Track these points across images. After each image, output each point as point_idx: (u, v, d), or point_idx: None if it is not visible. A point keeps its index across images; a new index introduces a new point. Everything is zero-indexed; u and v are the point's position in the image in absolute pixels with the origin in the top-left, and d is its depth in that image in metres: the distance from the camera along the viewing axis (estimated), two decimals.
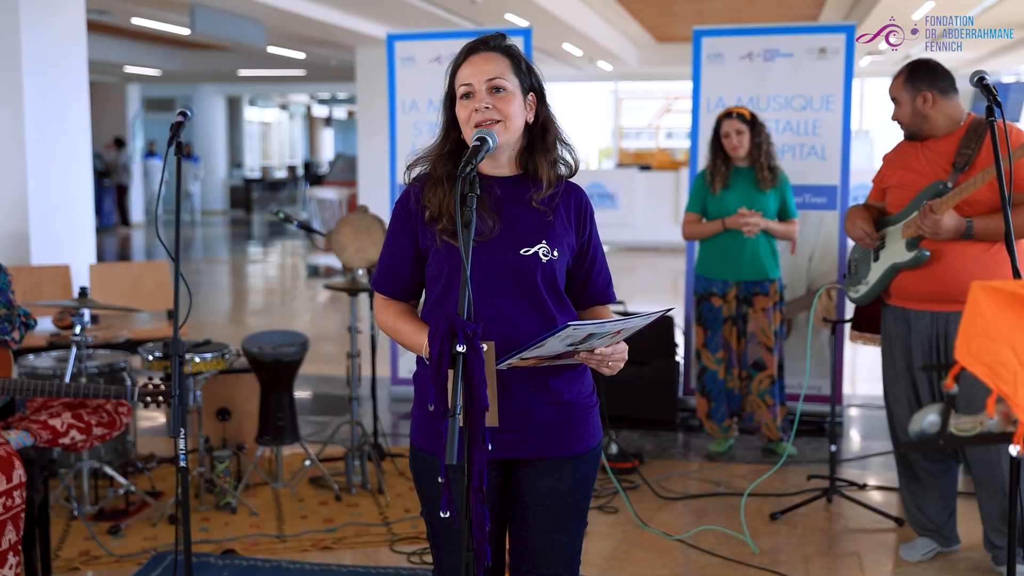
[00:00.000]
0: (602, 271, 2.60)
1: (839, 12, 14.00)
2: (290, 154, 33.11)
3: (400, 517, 4.80)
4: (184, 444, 3.09)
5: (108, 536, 4.52)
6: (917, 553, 4.38)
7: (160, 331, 6.51)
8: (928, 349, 4.12)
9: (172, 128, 3.19)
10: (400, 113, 7.01)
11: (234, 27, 10.77)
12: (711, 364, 5.71)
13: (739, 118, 5.54)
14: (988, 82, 3.08)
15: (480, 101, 2.39)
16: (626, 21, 15.64)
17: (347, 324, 10.46)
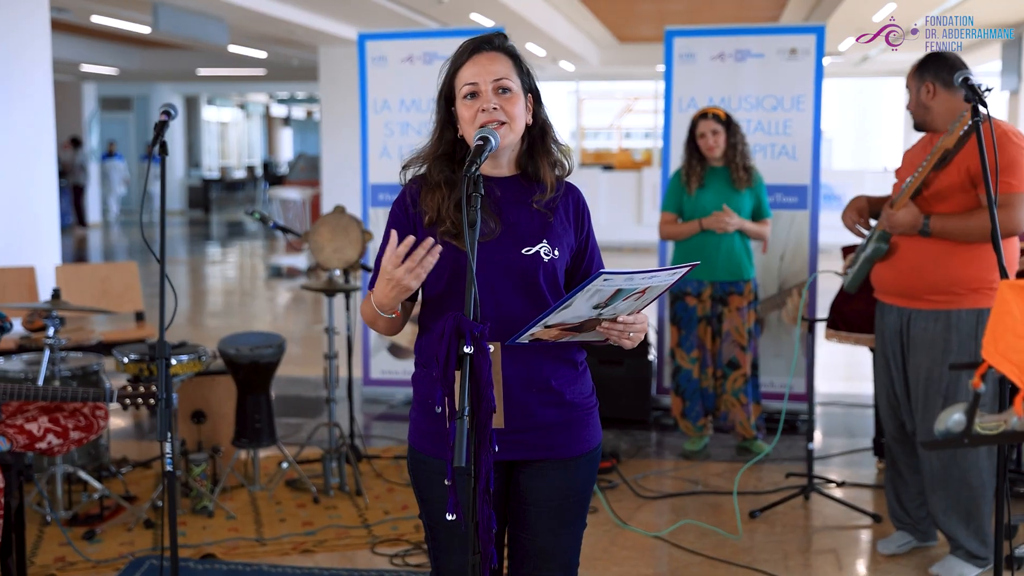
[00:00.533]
0: (599, 269, 2.59)
1: (800, 14, 14.11)
2: (248, 154, 32.86)
3: (380, 519, 4.77)
4: (170, 448, 3.06)
5: (83, 542, 4.45)
6: (893, 546, 4.43)
7: (130, 333, 6.44)
8: (897, 343, 4.18)
9: (156, 127, 3.17)
10: (371, 113, 6.96)
11: (197, 26, 10.66)
12: (685, 363, 5.73)
13: (715, 118, 5.56)
14: (973, 82, 3.11)
15: (488, 101, 2.36)
16: (589, 21, 15.67)
17: (310, 325, 10.56)
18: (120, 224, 22.14)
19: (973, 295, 3.91)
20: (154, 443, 5.99)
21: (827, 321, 5.16)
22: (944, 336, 3.95)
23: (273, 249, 17.95)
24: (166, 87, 24.77)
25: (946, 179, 3.89)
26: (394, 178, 6.79)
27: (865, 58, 17.45)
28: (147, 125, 25.00)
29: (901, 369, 4.19)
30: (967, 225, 3.83)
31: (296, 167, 18.20)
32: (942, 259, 3.92)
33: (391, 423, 6.55)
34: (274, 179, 25.71)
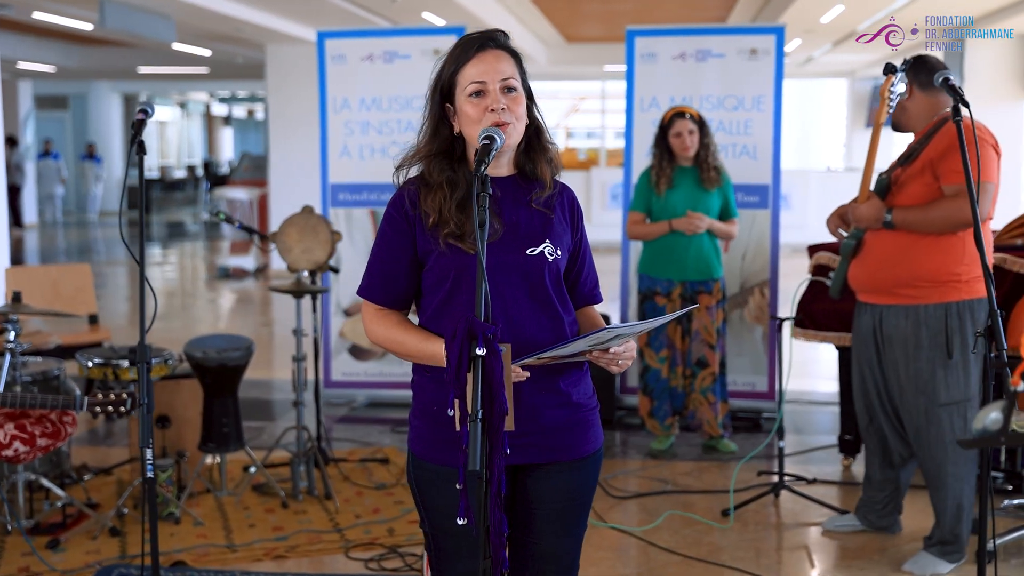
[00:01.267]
0: (591, 272, 2.58)
1: (747, 15, 14.21)
2: (188, 153, 32.43)
3: (352, 523, 4.71)
4: (151, 454, 2.98)
5: (48, 551, 4.33)
6: (834, 524, 4.58)
7: (85, 336, 6.30)
8: (871, 343, 4.23)
9: (134, 126, 3.07)
10: (331, 112, 6.88)
11: (144, 23, 10.48)
12: (654, 363, 5.72)
13: (691, 118, 5.56)
14: (953, 83, 3.15)
15: (496, 101, 2.33)
16: (538, 20, 15.66)
17: (259, 327, 10.43)
18: (61, 226, 21.74)
19: (940, 288, 3.96)
20: (112, 448, 5.87)
21: (794, 320, 5.20)
22: (915, 332, 4.01)
23: (215, 250, 17.74)
24: (104, 85, 24.36)
25: (911, 171, 3.99)
26: (355, 177, 6.85)
27: (809, 59, 17.64)
28: (85, 124, 24.61)
29: (873, 367, 4.24)
30: (928, 216, 3.90)
31: (240, 167, 17.97)
32: (907, 252, 3.99)
33: (353, 425, 6.48)
34: (216, 179, 25.41)
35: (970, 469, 4.07)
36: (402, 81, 6.79)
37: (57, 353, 5.41)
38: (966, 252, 3.92)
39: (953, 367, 3.98)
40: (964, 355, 3.97)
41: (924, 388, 4.02)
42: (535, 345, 2.31)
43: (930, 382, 4.00)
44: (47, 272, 6.85)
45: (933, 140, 3.95)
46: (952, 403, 4.00)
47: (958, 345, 3.95)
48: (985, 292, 3.96)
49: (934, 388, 4.00)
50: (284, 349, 8.84)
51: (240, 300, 12.46)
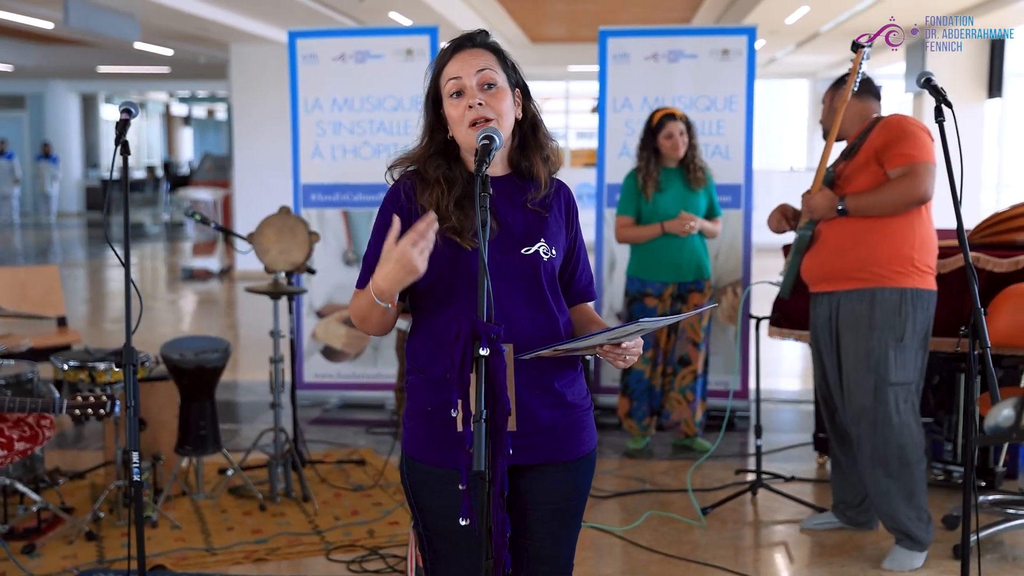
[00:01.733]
0: (586, 268, 2.57)
1: (711, 16, 14.30)
2: (147, 154, 32.11)
3: (331, 525, 4.69)
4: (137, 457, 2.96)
5: (24, 556, 4.28)
6: (812, 522, 4.64)
7: (54, 338, 6.21)
8: (827, 331, 4.31)
9: (118, 126, 3.04)
10: (302, 112, 6.85)
11: (108, 22, 10.37)
12: (638, 364, 5.69)
13: (681, 120, 5.56)
14: (935, 83, 3.20)
15: (473, 98, 2.32)
16: (504, 21, 15.67)
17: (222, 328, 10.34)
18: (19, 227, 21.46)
19: (896, 275, 4.08)
20: (82, 452, 5.80)
21: (770, 319, 5.24)
22: (868, 313, 4.11)
23: (175, 251, 17.59)
24: (61, 85, 24.07)
25: (854, 164, 4.18)
26: (327, 178, 6.81)
27: (772, 60, 17.77)
28: (42, 124, 24.31)
29: (833, 355, 4.32)
30: (879, 197, 4.06)
31: (203, 167, 17.84)
32: (862, 236, 4.11)
33: (327, 427, 6.45)
34: (176, 180, 25.18)
35: (917, 456, 4.14)
36: (374, 81, 6.77)
37: (29, 356, 5.34)
38: (917, 236, 4.10)
39: (902, 349, 4.08)
40: (912, 340, 4.09)
41: (875, 366, 4.10)
42: (530, 345, 2.31)
43: (882, 360, 4.09)
44: (14, 274, 6.75)
45: (871, 135, 4.16)
46: (900, 384, 4.10)
47: (908, 329, 4.06)
48: (935, 286, 4.19)
49: (885, 367, 4.08)
50: (250, 351, 8.79)
51: (204, 302, 12.36)
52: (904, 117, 4.17)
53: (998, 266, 4.80)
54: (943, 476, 5.21)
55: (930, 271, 4.15)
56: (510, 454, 2.18)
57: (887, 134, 4.09)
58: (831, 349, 4.31)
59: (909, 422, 4.12)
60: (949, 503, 4.88)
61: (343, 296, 6.82)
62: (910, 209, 4.06)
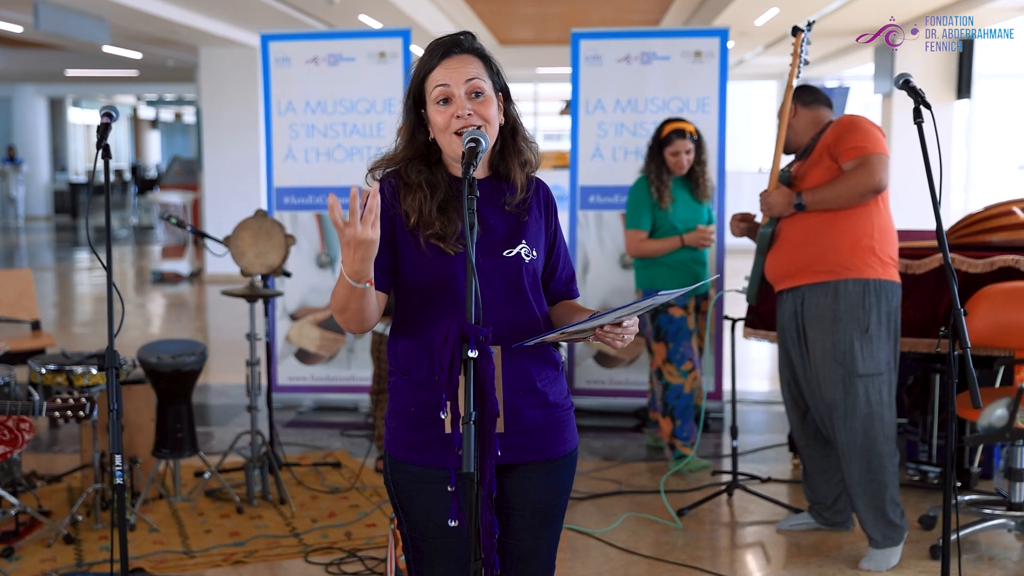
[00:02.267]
0: (566, 265, 2.59)
1: (681, 18, 14.38)
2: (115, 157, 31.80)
3: (309, 527, 4.70)
4: (120, 460, 2.96)
5: (2, 559, 4.27)
6: (788, 523, 4.69)
7: (29, 342, 6.17)
8: (793, 327, 4.38)
9: (99, 130, 3.04)
10: (275, 115, 6.84)
11: (78, 25, 10.30)
12: (675, 379, 5.45)
13: (690, 137, 5.46)
14: (913, 84, 3.23)
15: (462, 108, 2.32)
16: (472, 23, 15.68)
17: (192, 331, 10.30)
18: None
19: (858, 265, 4.16)
20: (58, 455, 5.77)
21: (744, 320, 5.28)
22: (832, 306, 4.17)
23: (144, 254, 17.49)
24: (29, 88, 23.89)
25: (808, 163, 4.29)
26: (300, 181, 6.82)
27: (741, 61, 17.88)
28: (9, 127, 24.11)
29: (800, 351, 4.37)
30: (835, 190, 4.15)
31: (171, 171, 17.75)
32: (822, 230, 4.20)
33: (302, 429, 6.45)
34: (143, 183, 25.03)
35: (890, 447, 4.19)
36: (347, 84, 6.77)
37: (5, 360, 5.31)
38: (876, 227, 4.18)
39: (868, 340, 4.14)
40: (879, 331, 4.15)
41: (842, 359, 4.15)
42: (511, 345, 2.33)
43: (848, 353, 4.14)
44: None
45: (824, 135, 4.27)
46: (868, 375, 4.15)
47: (874, 320, 4.13)
48: (898, 278, 4.25)
49: (852, 359, 4.14)
50: (223, 353, 8.76)
51: (174, 305, 12.30)
52: (855, 116, 4.29)
53: (973, 267, 4.85)
54: (918, 476, 5.26)
55: (892, 262, 4.22)
56: (499, 456, 2.20)
57: (838, 130, 4.20)
58: (799, 346, 4.37)
59: (880, 413, 4.16)
60: (925, 503, 4.93)
61: (317, 299, 6.82)
62: (866, 199, 4.14)
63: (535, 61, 19.01)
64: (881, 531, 4.22)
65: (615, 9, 15.03)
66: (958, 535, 3.30)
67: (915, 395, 5.32)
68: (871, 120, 4.26)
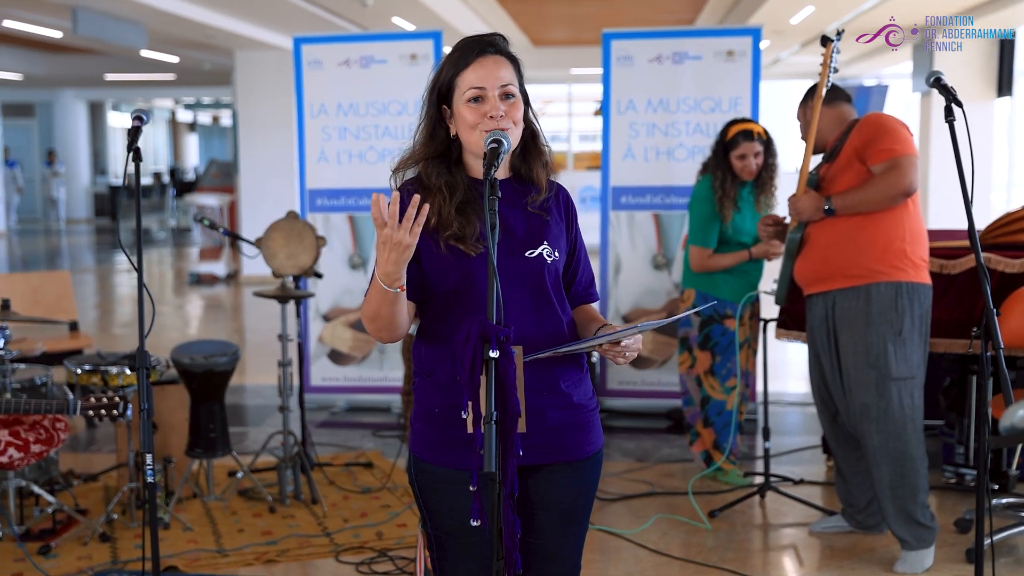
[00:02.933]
0: (586, 270, 2.60)
1: (715, 17, 14.32)
2: (154, 160, 32.18)
3: (340, 527, 4.72)
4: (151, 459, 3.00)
5: (40, 557, 4.32)
6: (821, 525, 4.65)
7: (66, 343, 6.25)
8: (824, 331, 4.33)
9: (130, 133, 3.08)
10: (308, 117, 6.89)
11: (116, 30, 10.43)
12: (717, 394, 5.30)
13: (758, 138, 5.15)
14: (944, 83, 3.21)
15: (495, 108, 2.34)
16: (506, 25, 15.70)
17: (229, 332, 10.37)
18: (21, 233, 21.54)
19: (890, 268, 4.11)
20: (95, 455, 5.84)
21: (777, 321, 5.25)
22: (865, 310, 4.13)
23: (182, 256, 17.65)
24: (69, 93, 24.18)
25: (837, 165, 4.23)
26: (333, 183, 6.85)
27: (776, 60, 17.79)
28: (51, 132, 24.42)
29: (830, 355, 4.33)
30: (866, 194, 4.10)
31: (208, 173, 17.91)
32: (852, 234, 4.15)
33: (335, 430, 6.49)
34: (182, 185, 25.23)
35: (921, 450, 4.16)
36: (379, 86, 6.81)
37: (43, 360, 5.39)
38: (907, 229, 4.14)
39: (902, 344, 4.10)
40: (911, 334, 4.11)
41: (876, 362, 4.12)
42: (535, 346, 2.34)
43: (882, 356, 4.11)
44: (28, 279, 6.81)
45: (851, 136, 4.21)
46: (902, 378, 4.11)
47: (907, 323, 4.09)
48: (929, 280, 4.20)
49: (886, 362, 4.10)
50: (258, 354, 8.83)
51: (211, 306, 12.41)
52: (881, 115, 4.25)
53: (1010, 267, 4.78)
54: (955, 479, 5.20)
55: (924, 264, 4.18)
56: (520, 455, 2.21)
57: (866, 132, 4.15)
58: (829, 349, 4.32)
59: (913, 416, 4.14)
60: (961, 506, 4.88)
61: (349, 300, 6.86)
62: (897, 203, 4.10)
63: (569, 62, 18.98)
64: (912, 533, 4.18)
65: (649, 9, 14.99)
66: (991, 539, 3.26)
67: (951, 397, 5.27)
68: (896, 118, 4.22)
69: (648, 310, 6.66)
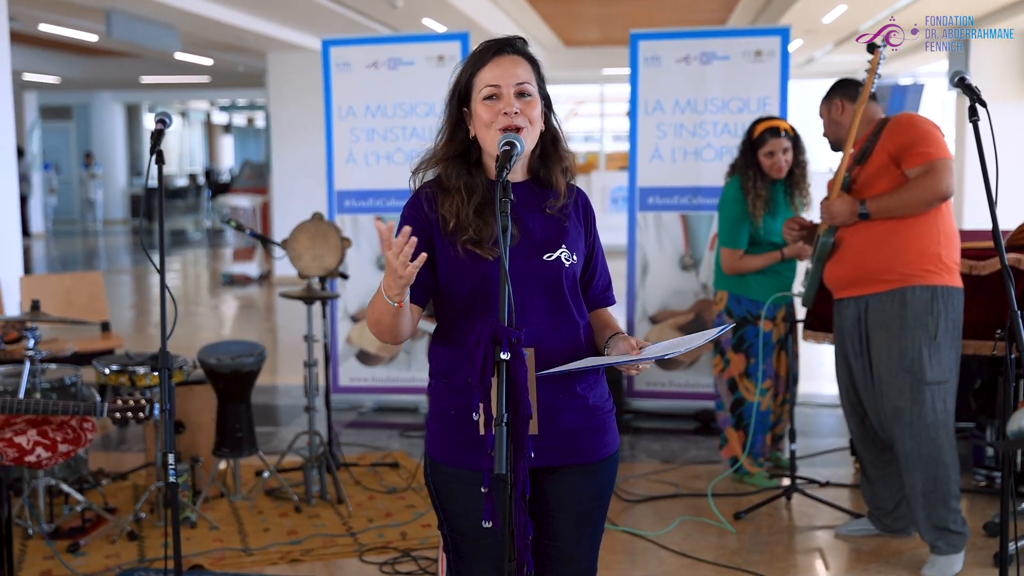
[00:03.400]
0: (603, 273, 2.59)
1: (747, 16, 14.26)
2: (189, 161, 32.45)
3: (365, 527, 4.75)
4: (172, 459, 3.02)
5: (68, 555, 4.38)
6: (847, 528, 4.62)
7: (98, 343, 6.32)
8: (855, 334, 4.28)
9: (153, 136, 3.11)
10: (336, 119, 6.93)
11: (149, 33, 10.53)
12: (751, 396, 5.21)
13: (785, 135, 5.06)
14: (968, 82, 3.19)
15: (510, 105, 2.34)
16: (536, 25, 15.72)
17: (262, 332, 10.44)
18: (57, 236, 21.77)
19: (925, 272, 4.07)
20: (125, 454, 5.91)
21: (804, 322, 5.21)
22: (900, 313, 4.08)
23: (217, 257, 17.79)
24: (107, 95, 24.43)
25: (869, 168, 4.15)
26: (361, 184, 6.88)
27: (810, 60, 17.70)
28: (88, 134, 24.68)
29: (861, 359, 4.29)
30: (901, 198, 4.04)
31: (242, 175, 18.04)
32: (886, 238, 4.10)
33: (362, 430, 6.52)
34: (217, 187, 25.41)
35: (953, 455, 4.12)
36: (407, 87, 6.83)
37: (73, 360, 5.45)
38: (941, 233, 4.09)
39: (936, 348, 4.06)
40: (945, 338, 4.07)
41: (910, 367, 4.07)
42: (552, 350, 2.35)
43: (916, 360, 4.06)
44: (60, 280, 6.89)
45: (882, 137, 4.14)
46: (936, 383, 4.07)
47: (941, 327, 4.05)
48: (961, 283, 4.15)
49: (920, 366, 4.06)
50: (289, 355, 8.88)
51: (244, 307, 12.50)
52: (913, 115, 4.19)
53: None
54: (985, 482, 5.14)
55: (956, 267, 4.14)
56: (531, 457, 2.21)
57: (901, 134, 4.09)
58: (860, 353, 4.28)
59: (946, 421, 4.09)
60: (991, 509, 4.84)
61: None
62: (932, 207, 4.05)
63: (601, 62, 18.97)
64: (943, 539, 4.14)
65: (680, 9, 14.96)
66: (1016, 543, 3.23)
67: (982, 399, 5.22)
68: (929, 119, 4.17)
69: (675, 311, 6.64)
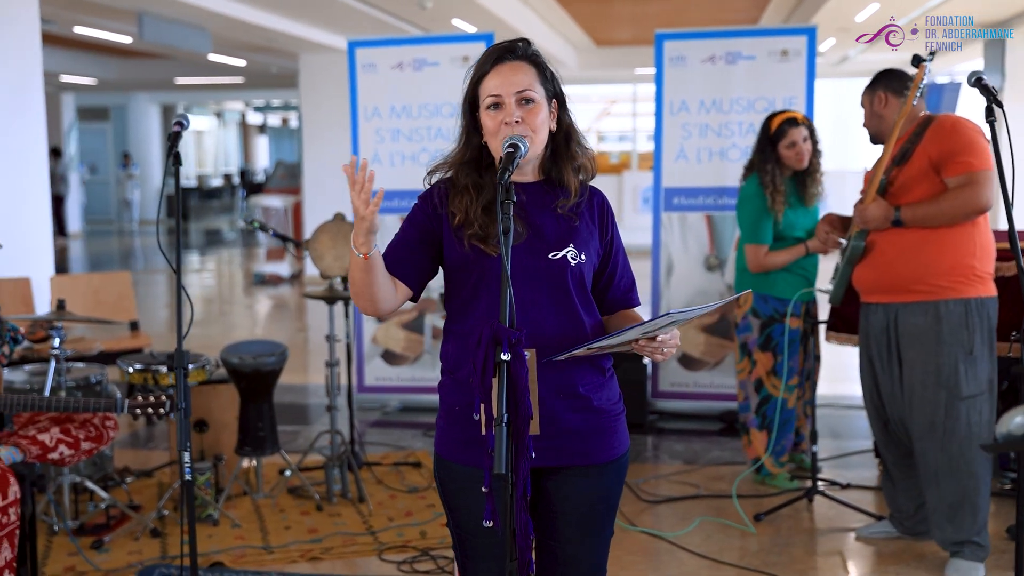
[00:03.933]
0: (625, 273, 2.59)
1: (780, 15, 14.18)
2: (224, 162, 32.73)
3: (385, 526, 4.78)
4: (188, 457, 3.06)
5: (92, 551, 4.44)
6: (868, 531, 4.59)
7: (126, 342, 6.40)
8: (883, 341, 4.23)
9: (170, 138, 3.13)
10: (362, 120, 6.97)
11: (181, 35, 10.63)
12: (779, 392, 5.14)
13: (803, 124, 5.06)
14: (986, 83, 3.16)
15: (510, 114, 2.37)
16: (567, 25, 15.70)
17: (295, 332, 10.52)
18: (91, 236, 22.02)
19: (958, 284, 4.00)
20: (152, 452, 5.97)
21: (827, 323, 5.18)
22: (935, 328, 4.02)
23: (251, 257, 17.92)
24: (143, 96, 24.70)
25: (909, 171, 4.06)
26: (386, 185, 6.89)
27: (845, 58, 17.57)
28: (124, 135, 24.95)
29: (887, 366, 4.24)
30: (939, 208, 3.96)
31: (275, 175, 18.17)
32: (919, 247, 4.03)
33: (386, 429, 6.55)
34: (251, 187, 25.62)
35: (985, 468, 4.08)
36: (431, 88, 6.86)
37: (99, 359, 5.52)
38: (977, 244, 4.01)
39: (972, 362, 4.01)
40: (982, 351, 4.02)
41: (946, 382, 4.02)
42: (554, 348, 2.35)
43: (952, 376, 4.00)
44: (89, 280, 6.98)
45: (924, 140, 4.04)
46: (971, 396, 4.02)
47: (978, 340, 3.99)
48: (995, 290, 4.08)
49: (956, 382, 4.01)
50: (318, 354, 8.93)
51: (276, 306, 12.59)
52: (959, 120, 4.04)
53: None
54: (1011, 485, 5.10)
55: (990, 276, 4.06)
56: (532, 457, 2.22)
57: (943, 141, 3.98)
58: (888, 361, 4.23)
59: (980, 434, 4.03)
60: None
61: None
62: (969, 219, 3.97)
63: (633, 62, 18.90)
64: (966, 547, 4.11)
65: (712, 8, 14.89)
66: None
67: (1008, 401, 5.17)
68: (975, 125, 4.02)
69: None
